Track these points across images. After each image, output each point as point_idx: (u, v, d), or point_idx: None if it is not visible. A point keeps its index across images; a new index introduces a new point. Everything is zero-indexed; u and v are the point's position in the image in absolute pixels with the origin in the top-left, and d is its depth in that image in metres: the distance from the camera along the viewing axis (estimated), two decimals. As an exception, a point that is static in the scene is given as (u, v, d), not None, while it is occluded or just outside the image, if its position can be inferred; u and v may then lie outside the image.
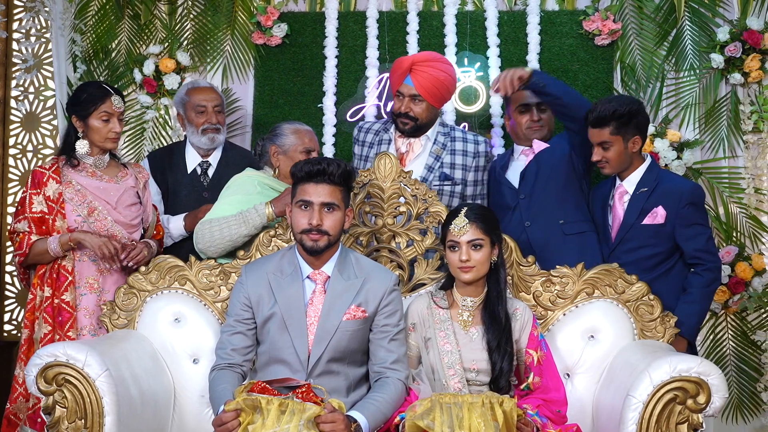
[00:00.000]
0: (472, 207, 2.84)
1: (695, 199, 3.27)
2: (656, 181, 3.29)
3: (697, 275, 3.24)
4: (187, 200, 3.75)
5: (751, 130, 4.18)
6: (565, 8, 4.31)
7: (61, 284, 3.19)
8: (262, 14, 4.33)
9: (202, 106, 3.78)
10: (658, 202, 3.25)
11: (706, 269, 3.23)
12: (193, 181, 3.79)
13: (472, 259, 2.77)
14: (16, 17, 4.75)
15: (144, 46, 4.43)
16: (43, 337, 3.17)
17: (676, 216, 3.24)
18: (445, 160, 3.53)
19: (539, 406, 2.72)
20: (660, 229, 3.25)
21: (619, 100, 3.37)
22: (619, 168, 3.32)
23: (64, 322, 3.17)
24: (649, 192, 3.28)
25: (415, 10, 4.33)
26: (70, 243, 3.16)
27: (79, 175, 3.24)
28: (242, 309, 2.81)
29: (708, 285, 3.23)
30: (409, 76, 3.47)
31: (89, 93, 3.26)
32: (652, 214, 3.26)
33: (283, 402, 2.41)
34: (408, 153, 3.57)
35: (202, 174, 3.81)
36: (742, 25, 4.14)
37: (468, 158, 3.56)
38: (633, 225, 3.28)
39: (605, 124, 3.24)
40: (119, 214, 3.25)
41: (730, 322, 4.15)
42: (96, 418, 2.62)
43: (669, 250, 3.28)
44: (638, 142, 3.30)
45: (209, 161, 3.83)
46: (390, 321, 2.79)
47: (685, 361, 2.62)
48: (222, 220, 3.18)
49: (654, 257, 3.27)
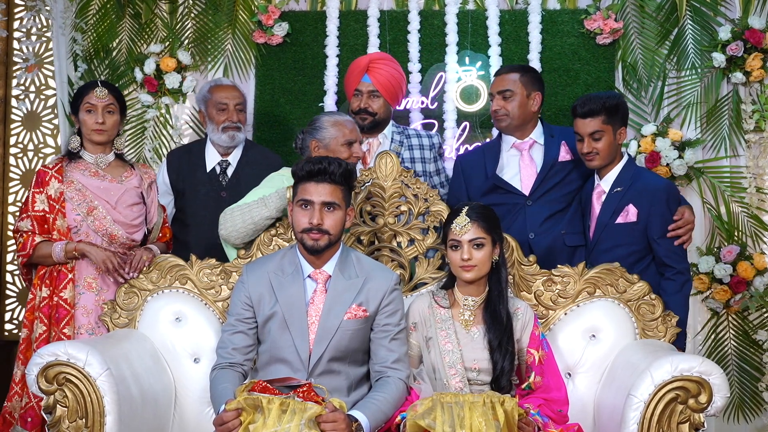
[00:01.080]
0: (474, 206, 2.84)
1: (669, 196, 3.28)
2: (631, 180, 3.29)
3: (669, 281, 3.23)
4: (206, 199, 3.72)
5: (752, 130, 4.18)
6: (567, 7, 4.31)
7: (61, 282, 3.19)
8: (263, 13, 4.32)
9: (224, 104, 3.74)
10: (630, 201, 3.25)
11: (677, 272, 3.23)
12: (211, 180, 3.76)
13: (473, 258, 2.77)
14: (16, 16, 4.75)
15: (145, 45, 4.43)
16: (38, 336, 3.17)
17: (648, 214, 3.24)
18: (404, 155, 3.65)
19: (540, 405, 2.72)
20: (633, 227, 3.25)
21: (603, 93, 3.57)
22: (607, 159, 3.31)
23: (60, 319, 3.17)
24: (624, 191, 3.27)
25: (416, 8, 4.33)
26: (74, 252, 3.16)
27: (81, 175, 3.24)
28: (243, 308, 2.80)
29: (681, 289, 3.23)
30: (367, 74, 3.69)
31: (80, 88, 3.32)
32: (624, 213, 3.26)
33: (284, 401, 2.41)
34: (369, 152, 3.70)
35: (221, 173, 3.77)
36: (743, 24, 4.14)
37: (425, 151, 3.76)
38: (607, 224, 3.29)
39: (597, 114, 3.27)
40: (119, 214, 3.25)
41: (731, 322, 4.15)
42: (97, 418, 2.62)
43: (644, 248, 3.28)
44: (624, 133, 3.33)
45: (229, 160, 3.79)
46: (391, 320, 2.79)
47: (687, 361, 2.61)
48: (244, 205, 3.17)
49: (630, 256, 3.25)
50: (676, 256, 3.25)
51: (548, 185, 3.50)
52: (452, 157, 4.24)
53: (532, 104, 3.52)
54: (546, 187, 3.50)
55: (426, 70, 4.33)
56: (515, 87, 3.49)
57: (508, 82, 3.50)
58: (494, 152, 3.61)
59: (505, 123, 3.51)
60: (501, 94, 3.50)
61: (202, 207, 3.72)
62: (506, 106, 3.49)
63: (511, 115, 3.49)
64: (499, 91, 3.51)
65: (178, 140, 4.39)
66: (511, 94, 3.49)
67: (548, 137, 3.57)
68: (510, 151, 3.60)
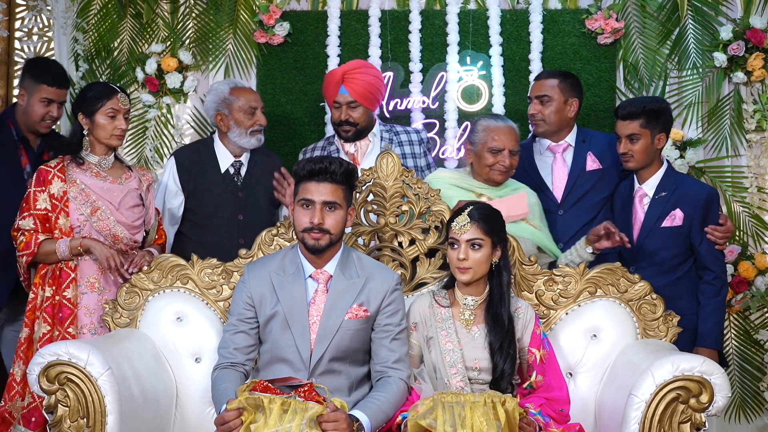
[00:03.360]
0: (478, 206, 2.84)
1: (713, 202, 3.39)
2: (674, 185, 3.38)
3: (708, 285, 3.35)
4: (221, 199, 3.69)
5: (754, 129, 4.18)
6: (568, 7, 4.30)
7: (63, 281, 3.20)
8: (264, 13, 4.32)
9: (253, 108, 3.72)
10: (676, 205, 3.34)
11: (716, 276, 3.35)
12: (226, 181, 3.72)
13: (469, 259, 2.76)
14: (18, 16, 4.75)
15: (146, 44, 4.42)
16: (42, 336, 3.17)
17: (692, 218, 3.34)
18: (395, 152, 3.56)
19: (542, 405, 2.72)
20: (678, 230, 3.35)
21: (648, 97, 3.68)
22: (642, 163, 3.39)
23: (64, 319, 3.18)
24: (668, 195, 3.35)
25: (417, 8, 4.32)
26: (79, 248, 3.17)
27: (84, 175, 3.25)
28: (245, 308, 2.81)
29: (718, 293, 3.36)
30: (343, 86, 3.70)
31: (96, 90, 3.31)
32: (670, 217, 3.35)
33: (286, 401, 2.41)
34: (357, 152, 3.75)
35: (236, 174, 3.74)
36: (745, 24, 4.13)
37: (415, 146, 3.78)
38: (653, 228, 3.36)
39: (635, 117, 3.36)
40: (122, 215, 3.26)
41: (732, 322, 4.15)
42: (98, 417, 2.62)
43: (686, 251, 3.38)
44: (663, 139, 3.41)
45: (241, 161, 3.76)
46: (392, 320, 2.79)
47: (688, 361, 2.62)
48: None
49: (674, 258, 3.36)
50: (717, 261, 3.38)
51: (579, 193, 3.57)
52: (453, 157, 4.25)
53: (569, 110, 3.60)
54: (577, 195, 3.57)
55: (427, 69, 4.33)
56: (553, 92, 3.57)
57: (547, 88, 3.58)
58: (528, 154, 3.67)
59: (542, 128, 3.60)
60: (539, 98, 3.59)
61: (219, 208, 3.69)
62: (543, 111, 3.58)
63: (548, 120, 3.58)
64: (537, 95, 3.59)
65: (180, 140, 4.39)
66: (549, 100, 3.57)
67: (579, 142, 3.65)
68: (545, 153, 3.67)
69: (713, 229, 3.33)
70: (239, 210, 3.69)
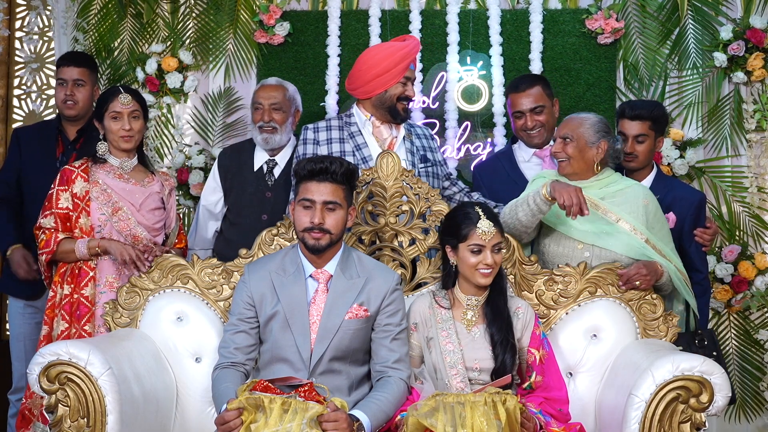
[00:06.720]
0: (487, 210, 2.82)
1: (702, 206, 3.46)
2: (666, 188, 3.41)
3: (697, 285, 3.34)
4: (252, 199, 3.66)
5: (754, 129, 4.19)
6: (568, 7, 4.31)
7: (82, 279, 3.22)
8: (264, 13, 4.33)
9: (259, 104, 3.65)
10: (670, 208, 3.36)
11: (704, 277, 3.44)
12: (258, 180, 3.68)
13: (495, 263, 2.77)
14: (18, 16, 4.75)
15: (146, 44, 4.43)
16: (60, 333, 3.19)
17: (684, 221, 3.37)
18: (417, 144, 3.52)
19: (541, 403, 2.72)
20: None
21: (652, 101, 3.73)
22: (644, 163, 3.42)
23: (81, 316, 3.20)
24: (661, 198, 3.33)
25: (417, 8, 4.33)
26: (97, 249, 3.19)
27: (107, 176, 3.27)
28: (245, 308, 2.81)
29: (705, 293, 3.44)
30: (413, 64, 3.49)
31: (103, 95, 3.33)
32: None
33: (286, 401, 2.41)
34: (396, 138, 3.46)
35: (268, 173, 3.69)
36: (745, 24, 4.14)
37: (431, 141, 3.62)
38: None
39: (645, 119, 3.39)
40: (142, 217, 3.28)
41: (732, 321, 4.15)
42: (98, 417, 2.62)
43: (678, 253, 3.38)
44: (661, 141, 3.48)
45: (276, 160, 3.70)
46: (392, 320, 2.79)
47: (688, 360, 2.62)
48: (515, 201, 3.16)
49: None
50: (704, 262, 3.48)
51: None
52: (454, 157, 4.25)
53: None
54: None
55: (427, 69, 4.33)
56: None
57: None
58: (510, 161, 3.64)
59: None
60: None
61: (248, 206, 3.67)
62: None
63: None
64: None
65: (180, 140, 4.40)
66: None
67: None
68: (532, 159, 3.62)
69: (702, 231, 3.40)
70: (265, 210, 3.63)
